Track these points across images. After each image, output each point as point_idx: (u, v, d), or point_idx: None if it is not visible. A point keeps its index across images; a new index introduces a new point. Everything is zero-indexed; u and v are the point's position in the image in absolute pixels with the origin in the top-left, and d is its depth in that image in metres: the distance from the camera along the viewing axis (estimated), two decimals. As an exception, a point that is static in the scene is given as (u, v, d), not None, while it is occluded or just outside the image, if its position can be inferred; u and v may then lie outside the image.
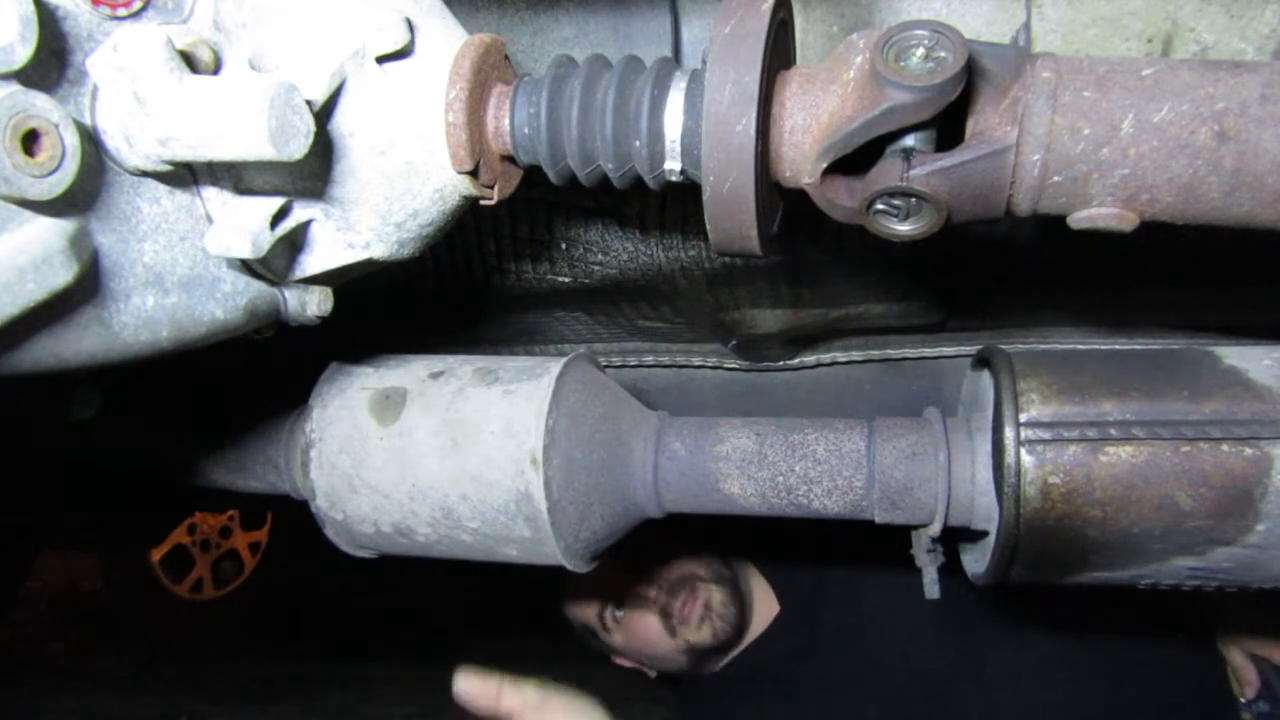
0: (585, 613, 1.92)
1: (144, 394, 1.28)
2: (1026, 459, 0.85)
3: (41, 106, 0.55)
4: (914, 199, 0.68)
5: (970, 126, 0.67)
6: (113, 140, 0.64)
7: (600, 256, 1.24)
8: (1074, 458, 0.84)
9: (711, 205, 0.70)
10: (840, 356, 1.54)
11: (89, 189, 0.64)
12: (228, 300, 0.76)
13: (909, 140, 0.67)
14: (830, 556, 1.91)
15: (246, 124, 0.59)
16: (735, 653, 1.94)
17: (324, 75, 0.68)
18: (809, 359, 1.55)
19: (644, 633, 1.84)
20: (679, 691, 2.10)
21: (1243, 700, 1.68)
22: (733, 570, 1.92)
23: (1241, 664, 1.69)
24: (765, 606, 1.97)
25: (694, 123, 0.71)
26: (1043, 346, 1.46)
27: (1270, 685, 1.66)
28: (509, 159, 0.80)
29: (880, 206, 0.69)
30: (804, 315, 1.37)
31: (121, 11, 0.64)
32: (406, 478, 0.99)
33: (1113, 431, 0.84)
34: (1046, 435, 0.85)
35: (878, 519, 0.98)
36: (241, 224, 0.69)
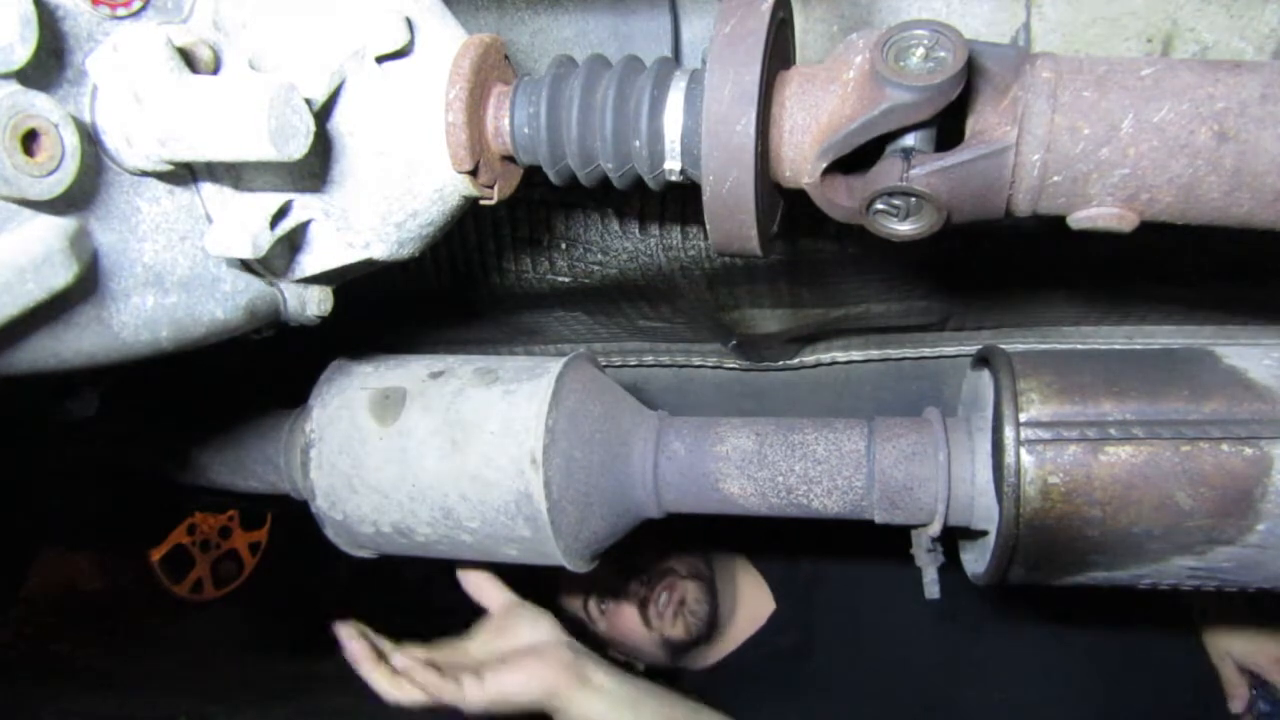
0: (574, 603, 1.95)
1: (144, 393, 1.28)
2: (1026, 459, 0.85)
3: (41, 106, 0.55)
4: (914, 199, 0.68)
5: (970, 126, 0.67)
6: (112, 140, 0.64)
7: (600, 256, 1.23)
8: (1074, 457, 0.84)
9: (711, 205, 0.70)
10: (840, 356, 1.54)
11: (89, 189, 0.64)
12: (227, 300, 0.76)
13: (909, 140, 0.67)
14: (827, 553, 1.91)
15: (246, 124, 0.59)
16: (730, 650, 1.94)
17: (324, 75, 0.68)
18: (809, 359, 1.55)
19: (624, 624, 1.87)
20: (675, 689, 2.11)
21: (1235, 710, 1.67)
22: (712, 569, 1.93)
23: (1233, 678, 1.68)
24: (761, 603, 1.97)
25: (694, 122, 0.71)
26: (1043, 346, 1.45)
27: (1269, 688, 1.65)
28: (509, 159, 0.80)
29: (880, 206, 0.69)
30: (804, 315, 1.37)
31: (121, 11, 0.64)
32: (406, 478, 0.99)
33: (1113, 431, 0.84)
34: (1046, 435, 0.85)
35: (877, 519, 0.98)
36: (241, 224, 0.69)
